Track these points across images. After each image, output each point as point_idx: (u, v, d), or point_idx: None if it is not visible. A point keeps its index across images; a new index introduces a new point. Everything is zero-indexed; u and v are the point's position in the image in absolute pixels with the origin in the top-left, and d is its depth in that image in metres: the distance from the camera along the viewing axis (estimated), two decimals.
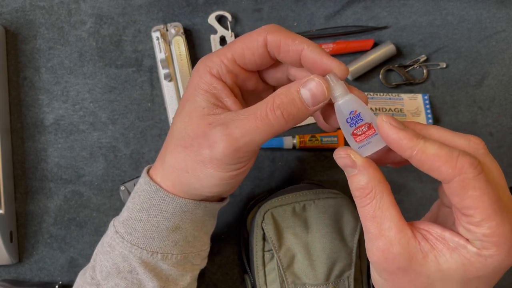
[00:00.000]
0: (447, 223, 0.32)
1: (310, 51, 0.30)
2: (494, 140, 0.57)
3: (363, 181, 0.29)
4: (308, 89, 0.29)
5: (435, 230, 0.29)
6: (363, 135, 0.31)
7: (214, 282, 0.54)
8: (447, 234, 0.28)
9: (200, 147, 0.31)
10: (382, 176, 0.30)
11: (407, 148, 0.27)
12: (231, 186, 0.34)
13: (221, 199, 0.39)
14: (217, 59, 0.32)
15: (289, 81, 0.35)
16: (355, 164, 0.29)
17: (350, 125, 0.31)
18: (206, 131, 0.30)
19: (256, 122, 0.29)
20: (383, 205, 0.30)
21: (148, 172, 0.36)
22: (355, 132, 0.32)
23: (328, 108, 0.33)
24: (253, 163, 0.34)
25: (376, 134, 0.31)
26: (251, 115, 0.29)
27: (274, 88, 0.37)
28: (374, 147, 0.32)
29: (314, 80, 0.29)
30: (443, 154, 0.26)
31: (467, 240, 0.27)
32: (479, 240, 0.27)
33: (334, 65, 0.30)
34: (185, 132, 0.32)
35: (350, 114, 0.31)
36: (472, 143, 0.29)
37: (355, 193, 0.30)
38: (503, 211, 0.26)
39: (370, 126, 0.31)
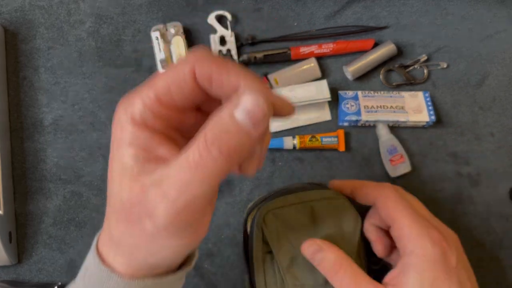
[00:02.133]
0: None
1: (249, 89, 0.24)
2: (495, 140, 0.57)
3: (332, 258, 0.37)
4: (242, 109, 0.23)
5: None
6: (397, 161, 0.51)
7: (214, 282, 0.54)
8: None
9: (140, 218, 0.25)
10: (344, 253, 0.38)
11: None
12: (194, 246, 0.29)
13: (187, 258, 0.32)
14: (139, 102, 0.25)
15: None
16: (321, 247, 0.36)
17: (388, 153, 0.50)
18: (141, 198, 0.24)
19: (191, 172, 0.23)
20: (356, 272, 0.37)
21: (97, 245, 0.30)
22: (392, 159, 0.50)
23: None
24: (211, 214, 0.28)
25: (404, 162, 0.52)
26: (184, 164, 0.23)
27: None
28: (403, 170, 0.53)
29: (246, 95, 0.23)
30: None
31: None
32: None
33: (280, 104, 0.25)
34: (121, 202, 0.25)
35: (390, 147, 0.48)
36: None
37: (329, 274, 0.36)
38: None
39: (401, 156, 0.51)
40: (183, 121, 0.27)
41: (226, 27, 0.58)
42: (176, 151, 0.26)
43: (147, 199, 0.24)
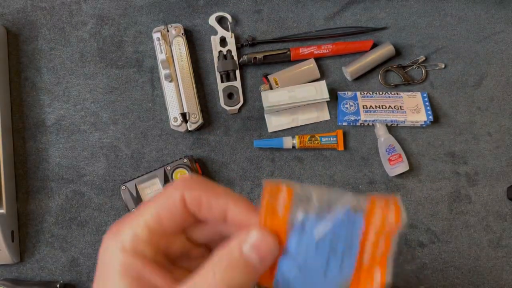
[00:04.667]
0: None
1: (237, 211, 0.25)
2: (493, 140, 0.57)
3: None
4: (254, 249, 0.23)
5: None
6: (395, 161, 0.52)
7: None
8: None
9: None
10: None
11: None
12: None
13: None
14: (129, 232, 0.25)
15: (221, 236, 0.28)
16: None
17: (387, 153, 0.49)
18: None
19: None
20: None
21: None
22: (390, 158, 0.50)
23: None
24: None
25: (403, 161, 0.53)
26: None
27: (205, 244, 0.29)
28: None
29: (256, 234, 0.24)
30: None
31: None
32: None
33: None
34: None
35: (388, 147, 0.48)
36: None
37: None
38: None
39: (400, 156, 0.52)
40: (171, 247, 0.27)
41: (226, 28, 0.58)
42: (170, 281, 0.25)
43: None
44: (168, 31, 0.57)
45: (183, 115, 0.55)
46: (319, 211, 0.24)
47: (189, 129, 0.55)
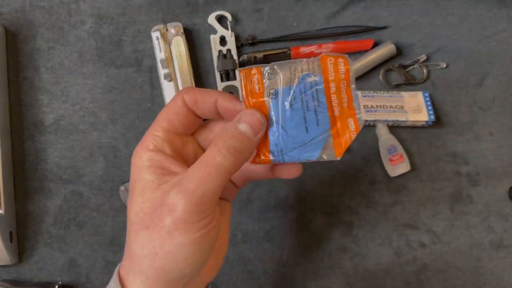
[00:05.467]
0: None
1: (223, 100, 0.32)
2: (494, 140, 0.57)
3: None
4: (244, 121, 0.30)
5: None
6: (396, 161, 0.52)
7: (214, 282, 0.54)
8: None
9: (161, 218, 0.29)
10: None
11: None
12: (205, 255, 0.32)
13: None
14: (149, 135, 0.32)
15: None
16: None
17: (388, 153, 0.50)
18: (162, 200, 0.29)
19: (206, 169, 0.29)
20: None
21: (119, 272, 0.33)
22: (391, 158, 0.50)
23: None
24: (218, 217, 0.32)
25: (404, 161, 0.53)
26: (200, 165, 0.30)
27: None
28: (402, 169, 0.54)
29: (246, 112, 0.31)
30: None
31: None
32: None
33: (244, 109, 0.32)
34: (142, 212, 0.30)
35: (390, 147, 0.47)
36: None
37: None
38: None
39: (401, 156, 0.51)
40: (185, 150, 0.34)
41: (226, 27, 0.58)
42: (186, 168, 0.31)
43: (168, 199, 0.29)
44: (167, 30, 0.56)
45: None
46: (286, 82, 0.30)
47: None
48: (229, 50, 0.57)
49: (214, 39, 0.58)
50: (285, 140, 0.31)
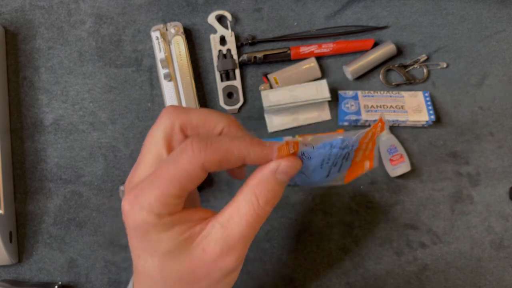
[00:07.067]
0: None
1: (254, 155, 0.28)
2: (495, 140, 0.57)
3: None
4: (284, 173, 0.29)
5: None
6: (397, 161, 0.53)
7: None
8: None
9: (212, 276, 0.29)
10: None
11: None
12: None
13: None
14: (155, 198, 0.27)
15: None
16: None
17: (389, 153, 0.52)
18: (207, 259, 0.28)
19: (253, 227, 0.28)
20: None
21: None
22: (392, 158, 0.52)
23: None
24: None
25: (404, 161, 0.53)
26: (243, 223, 0.28)
27: None
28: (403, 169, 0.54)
29: (284, 162, 0.29)
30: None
31: None
32: None
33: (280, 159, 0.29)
34: (178, 273, 0.29)
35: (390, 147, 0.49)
36: None
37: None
38: None
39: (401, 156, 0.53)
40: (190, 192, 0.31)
41: (226, 27, 0.58)
42: (202, 211, 0.30)
43: (215, 258, 0.28)
44: (167, 30, 0.56)
45: None
46: (321, 147, 0.30)
47: None
48: (229, 50, 0.57)
49: (214, 39, 0.58)
50: (303, 180, 0.32)
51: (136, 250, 0.29)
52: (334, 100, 0.57)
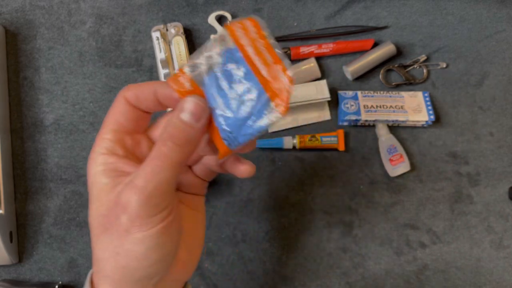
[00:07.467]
0: None
1: (162, 89, 0.31)
2: (495, 140, 0.57)
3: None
4: (185, 110, 0.30)
5: None
6: (396, 161, 0.54)
7: (214, 282, 0.54)
8: None
9: (117, 217, 0.29)
10: None
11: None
12: (169, 251, 0.31)
13: None
14: (99, 140, 0.32)
15: None
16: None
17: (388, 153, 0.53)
18: (116, 200, 0.29)
19: (154, 162, 0.29)
20: None
21: (91, 277, 0.32)
22: (391, 158, 0.53)
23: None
24: (176, 208, 0.32)
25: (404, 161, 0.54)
26: (148, 161, 0.29)
27: None
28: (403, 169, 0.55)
29: (185, 100, 0.30)
30: None
31: None
32: None
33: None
34: (100, 216, 0.30)
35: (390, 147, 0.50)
36: None
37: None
38: None
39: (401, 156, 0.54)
40: (139, 147, 0.33)
41: None
42: (138, 168, 0.31)
43: (121, 199, 0.29)
44: (167, 30, 0.56)
45: None
46: (207, 67, 0.30)
47: None
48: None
49: None
50: (230, 123, 0.30)
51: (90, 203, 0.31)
52: (334, 100, 0.57)
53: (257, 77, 0.29)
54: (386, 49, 0.57)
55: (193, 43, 0.59)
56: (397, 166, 0.54)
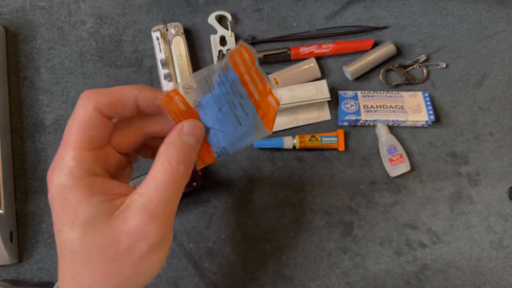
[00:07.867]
0: None
1: (145, 94, 0.30)
2: (494, 140, 0.57)
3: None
4: (188, 134, 0.30)
5: None
6: (396, 161, 0.54)
7: (214, 282, 0.54)
8: None
9: (131, 248, 0.27)
10: None
11: None
12: (167, 254, 0.31)
13: None
14: (73, 160, 0.28)
15: (143, 143, 0.34)
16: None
17: (388, 153, 0.53)
18: (128, 229, 0.27)
19: (170, 188, 0.28)
20: None
21: None
22: (391, 158, 0.53)
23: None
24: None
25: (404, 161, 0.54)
26: (159, 185, 0.28)
27: (127, 157, 0.34)
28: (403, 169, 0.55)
29: (187, 125, 0.31)
30: None
31: None
32: None
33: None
34: (99, 247, 0.27)
35: (390, 147, 0.50)
36: None
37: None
38: None
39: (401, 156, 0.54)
40: (108, 162, 0.31)
41: (226, 27, 0.58)
42: (125, 187, 0.29)
43: (137, 227, 0.27)
44: (167, 30, 0.56)
45: None
46: (204, 90, 0.31)
47: None
48: (229, 50, 0.57)
49: (214, 39, 0.58)
50: (225, 140, 0.33)
51: (57, 224, 0.28)
52: (334, 100, 0.57)
53: (251, 100, 0.32)
54: (386, 49, 0.57)
55: (193, 43, 0.59)
56: (397, 166, 0.54)
